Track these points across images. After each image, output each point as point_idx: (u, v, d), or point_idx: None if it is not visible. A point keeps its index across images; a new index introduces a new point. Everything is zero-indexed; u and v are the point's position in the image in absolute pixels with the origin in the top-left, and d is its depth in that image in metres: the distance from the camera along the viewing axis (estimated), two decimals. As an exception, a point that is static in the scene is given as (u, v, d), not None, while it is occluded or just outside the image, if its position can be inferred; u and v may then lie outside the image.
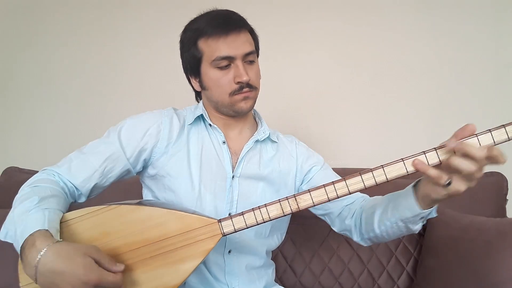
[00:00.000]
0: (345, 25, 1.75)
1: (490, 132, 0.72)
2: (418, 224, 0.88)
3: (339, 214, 1.07)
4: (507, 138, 0.72)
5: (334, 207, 1.08)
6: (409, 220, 0.86)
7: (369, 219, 0.97)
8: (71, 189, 0.94)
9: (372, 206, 0.98)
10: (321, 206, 1.06)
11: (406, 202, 0.84)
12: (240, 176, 1.05)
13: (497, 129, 0.72)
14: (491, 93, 1.68)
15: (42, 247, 0.71)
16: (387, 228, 0.92)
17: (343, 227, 1.07)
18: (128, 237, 0.84)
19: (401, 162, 0.76)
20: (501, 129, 0.72)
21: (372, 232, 0.97)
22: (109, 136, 1.01)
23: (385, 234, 0.95)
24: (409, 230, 0.90)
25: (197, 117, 1.07)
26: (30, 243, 0.73)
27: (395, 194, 0.91)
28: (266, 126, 1.13)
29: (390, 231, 0.93)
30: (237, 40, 0.98)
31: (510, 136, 0.72)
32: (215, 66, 0.99)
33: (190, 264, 0.84)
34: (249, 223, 0.84)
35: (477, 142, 0.72)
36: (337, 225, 1.09)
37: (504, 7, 1.67)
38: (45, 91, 1.87)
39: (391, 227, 0.91)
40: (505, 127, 0.72)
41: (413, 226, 0.88)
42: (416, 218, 0.85)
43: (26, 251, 0.72)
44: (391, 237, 0.96)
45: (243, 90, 1.00)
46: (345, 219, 1.05)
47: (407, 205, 0.84)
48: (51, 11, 1.86)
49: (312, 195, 0.81)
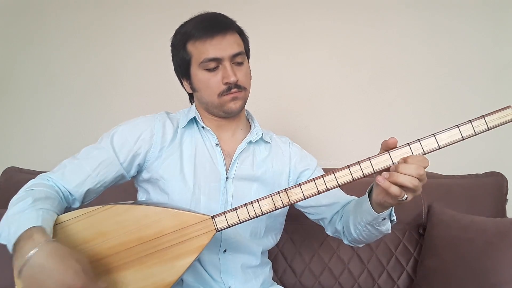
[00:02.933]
0: (344, 25, 1.75)
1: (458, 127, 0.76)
2: (385, 225, 0.93)
3: (331, 219, 1.11)
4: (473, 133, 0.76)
5: (327, 213, 1.11)
6: (373, 223, 0.92)
7: (347, 224, 1.02)
8: (65, 194, 0.95)
9: (348, 210, 1.03)
10: (315, 211, 1.13)
11: (366, 207, 0.89)
12: (234, 177, 1.06)
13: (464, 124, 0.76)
14: (490, 93, 1.68)
15: (40, 241, 0.72)
16: (360, 231, 0.98)
17: (334, 231, 1.12)
18: (123, 236, 0.85)
19: (387, 154, 0.79)
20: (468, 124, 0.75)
21: (351, 235, 1.02)
22: (102, 141, 1.02)
23: (362, 238, 1.00)
24: (380, 231, 0.95)
25: (190, 120, 1.08)
26: (27, 236, 0.73)
27: (360, 199, 0.96)
28: (259, 127, 1.14)
29: (364, 234, 0.98)
30: (223, 42, 0.99)
31: (477, 131, 0.75)
32: (204, 68, 1.00)
33: (185, 260, 0.85)
34: (242, 218, 0.85)
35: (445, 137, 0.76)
36: (329, 229, 1.13)
37: (503, 7, 1.67)
38: (45, 91, 1.88)
39: (363, 230, 0.96)
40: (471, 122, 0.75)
41: (381, 228, 0.93)
42: (378, 220, 0.90)
43: (21, 243, 0.73)
44: (369, 240, 1.01)
45: (232, 91, 1.01)
46: (335, 223, 1.09)
47: (366, 209, 0.89)
48: (51, 11, 1.88)
49: (303, 189, 0.82)
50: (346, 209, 1.05)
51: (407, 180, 0.75)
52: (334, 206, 1.09)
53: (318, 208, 1.11)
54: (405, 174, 0.75)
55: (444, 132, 0.76)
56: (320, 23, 1.76)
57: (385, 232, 0.96)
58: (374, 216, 0.88)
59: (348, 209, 1.03)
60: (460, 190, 1.49)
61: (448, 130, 0.76)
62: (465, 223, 1.31)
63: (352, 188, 1.01)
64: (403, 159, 0.77)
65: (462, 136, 0.76)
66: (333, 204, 1.09)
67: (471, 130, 0.75)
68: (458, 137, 0.76)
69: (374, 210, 0.88)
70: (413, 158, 0.76)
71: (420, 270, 1.38)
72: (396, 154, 0.78)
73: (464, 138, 0.76)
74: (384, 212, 0.88)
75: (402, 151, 0.78)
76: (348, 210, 1.03)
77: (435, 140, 0.76)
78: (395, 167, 0.77)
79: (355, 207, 0.98)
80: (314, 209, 1.12)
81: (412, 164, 0.75)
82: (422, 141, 0.77)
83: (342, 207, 1.09)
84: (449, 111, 1.70)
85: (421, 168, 0.75)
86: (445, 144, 0.77)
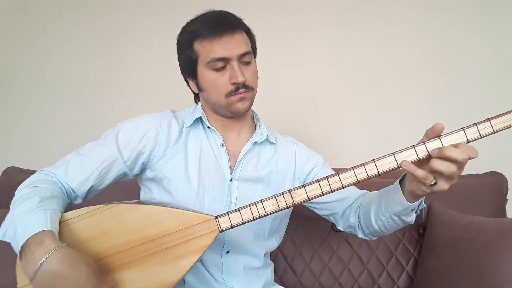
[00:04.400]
0: (344, 25, 1.76)
1: (464, 130, 0.75)
2: (411, 216, 0.91)
3: (343, 214, 1.09)
4: (479, 136, 0.75)
5: (338, 208, 1.09)
6: (401, 213, 0.89)
7: (367, 215, 0.99)
8: (68, 190, 0.95)
9: (368, 202, 1.01)
10: (325, 206, 1.10)
11: (396, 197, 0.87)
12: (238, 178, 1.05)
13: (470, 127, 0.75)
14: (490, 93, 1.68)
15: (52, 247, 0.72)
16: (383, 222, 0.95)
17: (348, 225, 1.09)
18: (126, 235, 0.84)
19: (392, 156, 0.78)
20: (473, 127, 0.75)
21: (371, 227, 1.00)
22: (107, 138, 1.01)
23: (383, 229, 0.97)
24: (405, 222, 0.93)
25: (196, 120, 1.07)
26: (37, 241, 0.73)
27: (386, 189, 0.93)
28: (264, 127, 1.13)
29: (387, 225, 0.95)
30: (231, 41, 0.97)
31: (482, 134, 0.75)
32: (211, 67, 0.99)
33: (188, 260, 0.85)
34: (245, 218, 0.84)
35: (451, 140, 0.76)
36: (341, 224, 1.11)
37: (503, 7, 1.67)
38: (45, 91, 1.88)
39: (387, 221, 0.94)
40: (477, 125, 0.75)
41: (406, 218, 0.91)
42: (407, 210, 0.88)
43: (32, 248, 0.72)
44: (390, 231, 0.99)
45: (239, 91, 0.99)
46: (349, 217, 1.07)
47: (396, 199, 0.87)
48: (52, 12, 1.87)
49: (307, 190, 0.82)
50: (364, 201, 1.03)
51: (443, 165, 0.72)
52: (346, 200, 1.07)
53: (329, 204, 1.09)
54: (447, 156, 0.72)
55: (449, 135, 0.76)
56: (320, 23, 1.77)
57: (409, 223, 0.93)
58: (405, 206, 0.85)
59: (367, 201, 1.01)
60: (460, 190, 1.48)
61: (453, 133, 0.76)
62: (465, 223, 1.32)
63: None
64: (453, 145, 0.74)
65: (467, 139, 0.75)
66: (345, 199, 1.07)
67: (477, 133, 0.75)
68: (464, 140, 0.75)
69: (406, 200, 0.85)
70: (463, 144, 0.74)
71: (420, 270, 1.38)
72: (400, 156, 0.78)
73: (469, 141, 0.75)
74: (415, 203, 0.85)
75: (407, 153, 0.78)
76: (368, 202, 1.00)
77: (441, 143, 0.76)
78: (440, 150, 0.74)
79: (380, 198, 0.95)
80: (325, 205, 1.10)
81: (458, 148, 0.72)
82: (427, 144, 0.77)
83: (355, 200, 1.07)
84: (449, 111, 1.70)
85: (465, 153, 0.72)
86: None
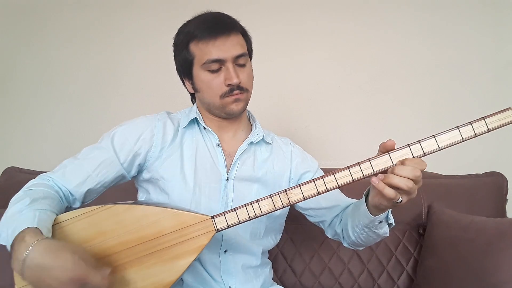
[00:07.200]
0: (344, 25, 1.75)
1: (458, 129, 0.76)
2: (382, 229, 0.93)
3: (331, 222, 1.11)
4: (474, 135, 0.76)
5: (327, 216, 1.11)
6: (370, 226, 0.92)
7: (345, 226, 1.02)
8: (66, 193, 0.95)
9: (348, 213, 1.03)
10: (315, 213, 1.12)
11: (362, 210, 0.89)
12: (234, 178, 1.05)
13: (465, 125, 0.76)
14: (490, 93, 1.68)
15: (31, 241, 0.72)
16: (358, 234, 0.97)
17: (334, 234, 1.11)
18: (123, 235, 0.85)
19: (387, 155, 0.78)
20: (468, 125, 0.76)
21: (349, 238, 1.02)
22: (102, 141, 1.02)
23: (360, 241, 0.99)
24: (377, 235, 0.94)
25: (191, 120, 1.08)
26: (20, 239, 0.73)
27: (358, 202, 0.95)
28: (260, 127, 1.13)
29: (362, 237, 0.97)
30: (226, 43, 0.98)
31: (477, 133, 0.75)
32: (206, 69, 0.99)
33: (185, 261, 0.85)
34: (242, 218, 0.85)
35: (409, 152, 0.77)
36: (329, 232, 1.13)
37: (503, 7, 1.66)
38: (45, 91, 1.88)
39: (361, 233, 0.96)
40: (471, 124, 0.75)
41: (378, 231, 0.93)
42: (374, 223, 0.89)
43: (15, 246, 0.73)
44: (367, 243, 1.01)
45: (234, 92, 1.00)
46: (335, 226, 1.09)
47: (363, 212, 0.89)
48: (51, 11, 1.88)
49: (303, 189, 0.82)
50: (346, 212, 1.05)
51: (401, 182, 0.74)
52: (334, 209, 1.09)
53: (318, 210, 1.11)
54: (400, 175, 0.75)
55: (444, 133, 0.76)
56: (320, 23, 1.76)
57: (383, 236, 0.95)
58: (371, 219, 0.88)
59: (347, 212, 1.03)
60: (460, 190, 1.49)
61: (448, 132, 0.76)
62: (465, 223, 1.31)
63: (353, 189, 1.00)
64: (400, 161, 0.77)
65: (462, 137, 0.76)
66: (333, 207, 1.09)
67: (471, 131, 0.75)
68: (458, 139, 0.76)
69: (370, 213, 0.87)
70: (410, 160, 0.76)
71: (420, 270, 1.38)
72: (396, 155, 0.78)
73: (464, 139, 0.76)
74: (380, 215, 0.87)
75: (402, 152, 0.78)
76: (347, 213, 1.03)
77: (435, 141, 0.76)
78: (391, 169, 0.77)
79: (353, 210, 0.98)
80: (314, 211, 1.12)
81: (408, 166, 0.75)
82: (422, 142, 0.77)
83: (342, 210, 1.08)
84: (449, 111, 1.69)
85: (417, 170, 0.75)
86: (445, 146, 0.76)
